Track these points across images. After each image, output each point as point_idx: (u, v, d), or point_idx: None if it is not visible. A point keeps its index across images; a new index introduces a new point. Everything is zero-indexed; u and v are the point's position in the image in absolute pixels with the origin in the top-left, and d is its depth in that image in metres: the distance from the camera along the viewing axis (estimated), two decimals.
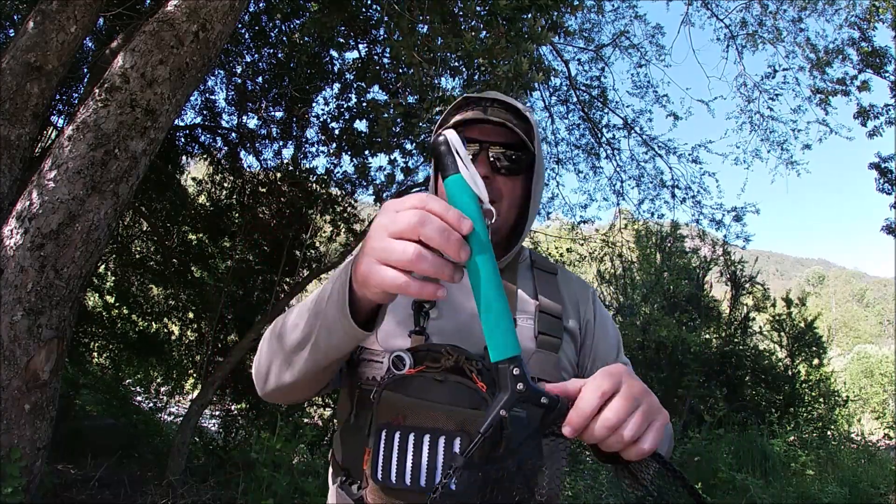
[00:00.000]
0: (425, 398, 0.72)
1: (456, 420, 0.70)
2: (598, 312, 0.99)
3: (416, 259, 0.50)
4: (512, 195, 0.91)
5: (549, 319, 0.90)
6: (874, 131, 5.83)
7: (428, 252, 0.50)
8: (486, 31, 3.11)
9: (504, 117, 0.89)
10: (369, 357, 0.86)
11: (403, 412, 0.71)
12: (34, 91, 2.56)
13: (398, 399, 0.72)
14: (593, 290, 1.04)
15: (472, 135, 0.89)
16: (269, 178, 5.67)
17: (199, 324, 6.24)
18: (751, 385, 7.45)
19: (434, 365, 0.75)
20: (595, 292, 1.03)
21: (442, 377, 0.73)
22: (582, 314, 0.97)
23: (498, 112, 0.90)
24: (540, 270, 0.99)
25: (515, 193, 0.92)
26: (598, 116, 6.66)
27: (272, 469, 3.64)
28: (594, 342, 0.96)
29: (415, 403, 0.71)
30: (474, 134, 0.90)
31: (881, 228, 6.55)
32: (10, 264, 2.08)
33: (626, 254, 8.24)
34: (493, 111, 0.90)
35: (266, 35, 5.05)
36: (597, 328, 0.97)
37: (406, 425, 0.70)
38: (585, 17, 6.28)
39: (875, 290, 64.43)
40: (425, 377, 0.74)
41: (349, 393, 0.89)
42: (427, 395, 0.72)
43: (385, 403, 0.73)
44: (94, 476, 3.63)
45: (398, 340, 0.85)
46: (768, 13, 6.13)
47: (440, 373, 0.74)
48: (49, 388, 2.19)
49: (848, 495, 4.51)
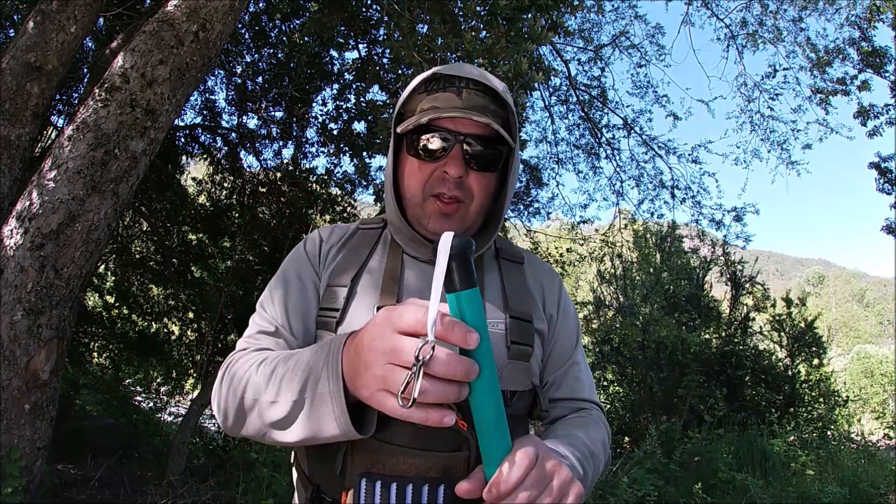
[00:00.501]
0: (402, 444, 0.67)
1: (438, 466, 0.67)
2: (561, 304, 0.95)
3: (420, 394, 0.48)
4: (484, 193, 0.84)
5: (520, 324, 0.84)
6: (874, 131, 5.83)
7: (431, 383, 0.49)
8: (486, 31, 3.11)
9: (481, 105, 0.79)
10: None
11: (381, 460, 0.67)
12: (34, 91, 2.56)
13: (373, 444, 0.67)
14: (559, 279, 0.99)
15: (445, 124, 0.79)
16: (269, 178, 5.67)
17: (199, 324, 6.24)
18: (751, 385, 7.44)
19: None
20: (561, 281, 0.99)
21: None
22: (548, 307, 0.92)
23: (475, 98, 0.79)
24: (506, 260, 0.92)
25: (487, 191, 0.85)
26: (597, 116, 6.67)
27: (272, 469, 3.65)
28: (555, 335, 0.92)
29: (392, 450, 0.67)
30: (448, 124, 0.79)
31: (881, 228, 6.55)
32: (10, 264, 2.08)
33: (625, 254, 8.24)
34: (468, 96, 0.79)
35: (266, 35, 5.05)
36: (559, 321, 0.93)
37: (387, 474, 0.67)
38: (585, 17, 6.29)
39: (875, 290, 64.41)
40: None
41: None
42: (404, 441, 0.67)
43: (359, 446, 0.68)
44: (94, 476, 3.63)
45: None
46: (769, 13, 6.13)
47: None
48: (49, 388, 2.19)
49: (848, 495, 4.51)
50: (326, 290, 0.83)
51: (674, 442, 5.50)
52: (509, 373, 0.80)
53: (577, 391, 0.91)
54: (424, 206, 0.83)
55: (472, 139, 0.79)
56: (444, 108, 0.78)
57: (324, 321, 0.81)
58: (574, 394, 0.91)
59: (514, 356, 0.81)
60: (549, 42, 3.70)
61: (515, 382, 0.80)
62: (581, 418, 0.88)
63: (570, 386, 0.91)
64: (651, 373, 7.02)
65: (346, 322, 0.79)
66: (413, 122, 0.80)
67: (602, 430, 0.87)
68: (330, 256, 0.88)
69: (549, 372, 0.91)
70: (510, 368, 0.80)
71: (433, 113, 0.78)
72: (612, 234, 7.53)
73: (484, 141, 0.80)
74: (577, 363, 0.93)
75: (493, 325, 0.82)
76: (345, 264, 0.86)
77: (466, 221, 0.85)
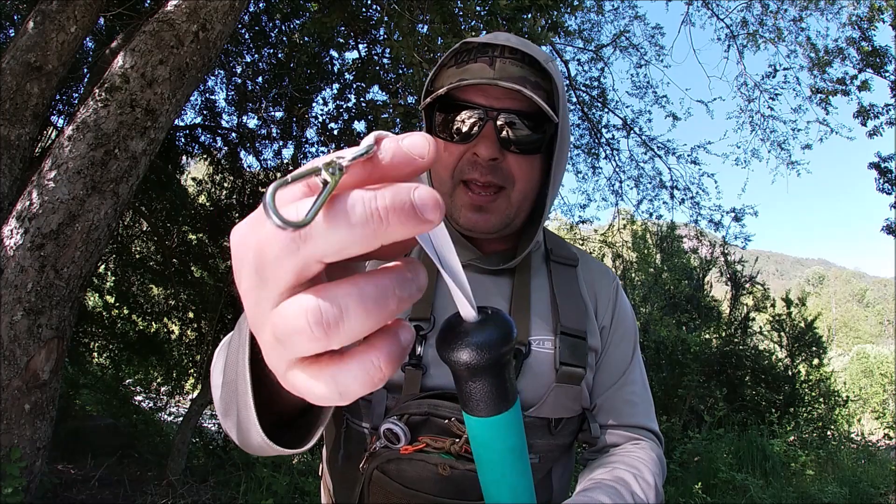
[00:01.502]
0: (424, 491, 0.59)
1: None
2: (617, 313, 0.81)
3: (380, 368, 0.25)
4: (527, 178, 0.71)
5: (572, 342, 0.71)
6: (874, 131, 5.83)
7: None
8: (486, 31, 3.11)
9: (517, 76, 0.66)
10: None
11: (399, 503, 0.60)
12: (34, 91, 2.56)
13: (392, 487, 0.60)
14: (617, 282, 0.84)
15: (475, 98, 0.67)
16: (269, 178, 5.68)
17: (199, 324, 6.24)
18: (751, 385, 7.44)
19: (435, 445, 0.60)
20: (619, 284, 0.85)
21: (447, 471, 0.58)
22: (602, 316, 0.79)
23: (509, 68, 0.66)
24: (557, 263, 0.79)
25: (532, 175, 0.71)
26: (597, 117, 6.67)
27: (272, 469, 3.65)
28: (607, 349, 0.79)
29: (412, 496, 0.59)
30: (478, 98, 0.67)
31: (881, 228, 6.55)
32: (10, 264, 2.08)
33: (625, 254, 8.24)
34: (503, 65, 0.66)
35: (266, 35, 5.05)
36: (612, 333, 0.80)
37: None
38: (585, 17, 6.29)
39: (875, 290, 64.42)
40: (426, 463, 0.59)
41: (335, 419, 0.73)
42: (426, 487, 0.59)
43: (377, 486, 0.61)
44: (94, 476, 3.63)
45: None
46: (769, 13, 6.13)
47: (444, 463, 0.59)
48: (49, 388, 2.19)
49: (848, 495, 4.51)
50: None
51: (674, 442, 5.51)
52: (556, 398, 0.70)
53: (630, 416, 0.77)
54: (454, 196, 0.71)
55: (508, 114, 0.66)
56: (472, 78, 0.66)
57: None
58: (627, 419, 0.77)
59: (563, 379, 0.70)
60: (549, 42, 3.70)
61: (562, 409, 0.71)
62: (632, 456, 0.73)
63: (621, 410, 0.77)
64: (651, 373, 7.01)
65: None
66: (434, 95, 0.68)
67: (657, 467, 0.73)
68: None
69: (599, 391, 0.77)
70: (557, 393, 0.70)
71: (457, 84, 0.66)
72: (611, 235, 7.53)
73: (523, 116, 0.67)
74: (633, 382, 0.79)
75: (540, 342, 0.71)
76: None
77: (507, 214, 0.72)
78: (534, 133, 0.68)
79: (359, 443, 0.68)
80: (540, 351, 0.70)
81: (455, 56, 0.71)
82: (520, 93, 0.65)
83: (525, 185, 0.71)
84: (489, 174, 0.68)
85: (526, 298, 0.73)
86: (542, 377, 0.70)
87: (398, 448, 0.60)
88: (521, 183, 0.70)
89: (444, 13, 3.17)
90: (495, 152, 0.67)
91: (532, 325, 0.72)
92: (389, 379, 0.53)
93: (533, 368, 0.70)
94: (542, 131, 0.69)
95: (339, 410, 0.71)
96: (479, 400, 0.32)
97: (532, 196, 0.74)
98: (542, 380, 0.70)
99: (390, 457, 0.60)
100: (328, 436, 0.76)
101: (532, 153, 0.70)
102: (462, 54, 0.70)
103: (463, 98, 0.67)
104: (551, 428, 0.70)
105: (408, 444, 0.60)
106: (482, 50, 0.68)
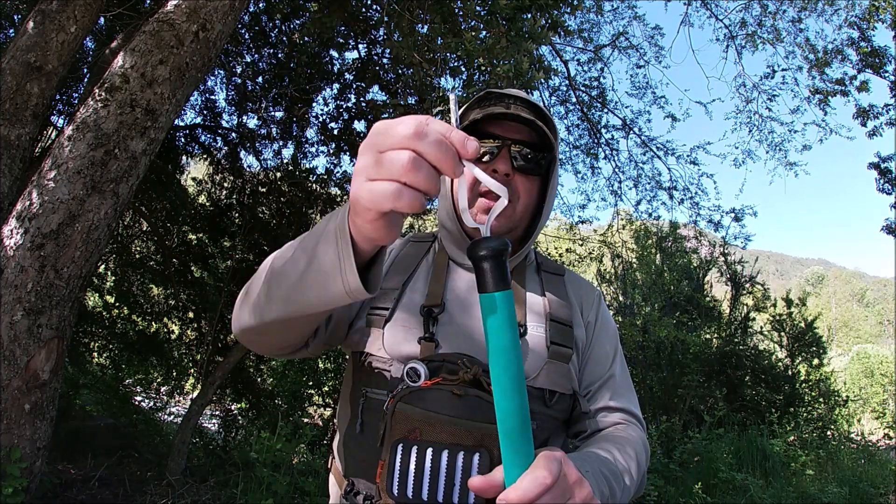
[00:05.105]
0: (442, 412, 0.70)
1: (475, 435, 0.68)
2: (600, 316, 0.98)
3: (410, 166, 0.44)
4: (529, 195, 0.90)
5: (560, 328, 0.88)
6: (874, 131, 5.83)
7: (424, 161, 0.45)
8: (486, 30, 3.11)
9: (529, 116, 0.86)
10: (376, 364, 0.83)
11: (419, 426, 0.70)
12: (34, 91, 2.56)
13: (413, 412, 0.70)
14: (599, 293, 1.03)
15: (494, 131, 0.88)
16: (269, 178, 5.68)
17: (199, 324, 6.24)
18: (751, 385, 7.45)
19: (450, 378, 0.74)
20: (601, 295, 1.03)
21: (461, 391, 0.71)
22: (587, 315, 0.96)
23: (521, 110, 0.87)
24: (547, 273, 0.99)
25: (532, 194, 0.91)
26: (596, 117, 6.67)
27: (272, 469, 3.64)
28: (592, 344, 0.94)
29: (431, 417, 0.70)
30: (497, 130, 0.88)
31: (881, 228, 6.55)
32: (10, 264, 2.08)
33: (624, 254, 8.24)
34: (516, 108, 0.87)
35: (266, 35, 5.05)
36: (597, 330, 0.96)
37: (423, 440, 0.68)
38: (584, 18, 6.28)
39: (875, 290, 64.45)
40: (442, 390, 0.72)
41: (351, 399, 0.86)
42: (444, 408, 0.70)
43: (399, 416, 0.71)
44: (94, 476, 3.63)
45: (406, 347, 0.83)
46: (768, 13, 6.13)
47: (459, 386, 0.72)
48: (49, 388, 2.19)
49: (848, 495, 4.51)
50: (380, 291, 0.87)
51: (674, 442, 5.51)
52: (549, 372, 0.84)
53: (614, 401, 0.91)
54: (474, 205, 0.89)
55: (519, 144, 0.88)
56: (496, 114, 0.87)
57: (373, 318, 0.87)
58: (612, 403, 0.91)
59: (554, 356, 0.85)
60: (548, 42, 3.71)
61: (555, 383, 0.84)
62: (617, 434, 0.87)
63: (606, 396, 0.91)
64: (651, 373, 7.02)
65: (394, 320, 0.86)
66: (467, 122, 0.88)
67: (638, 446, 0.86)
68: (387, 261, 0.95)
69: (586, 383, 0.92)
70: (550, 368, 0.85)
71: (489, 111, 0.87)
72: (610, 235, 7.53)
73: (529, 145, 0.88)
74: (615, 375, 0.93)
75: (534, 328, 0.88)
76: (397, 269, 0.93)
77: (512, 221, 0.90)
78: (537, 160, 0.89)
79: (377, 411, 0.80)
80: (534, 333, 0.87)
81: (478, 101, 0.92)
82: (528, 126, 0.87)
83: (526, 201, 0.90)
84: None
85: (521, 295, 0.91)
86: (537, 354, 0.85)
87: (419, 384, 0.73)
88: (524, 198, 0.90)
89: (444, 13, 3.17)
90: (509, 169, 0.87)
91: (527, 315, 0.89)
92: (407, 350, 0.84)
93: (529, 346, 0.86)
94: (543, 159, 0.90)
95: (358, 388, 0.84)
96: (492, 277, 0.49)
97: (530, 214, 0.93)
98: (537, 355, 0.85)
99: (412, 390, 0.73)
100: (342, 418, 0.89)
101: (535, 175, 0.90)
102: (483, 100, 0.91)
103: (486, 130, 0.88)
104: (546, 400, 0.84)
105: (426, 380, 0.74)
106: (500, 97, 0.90)
